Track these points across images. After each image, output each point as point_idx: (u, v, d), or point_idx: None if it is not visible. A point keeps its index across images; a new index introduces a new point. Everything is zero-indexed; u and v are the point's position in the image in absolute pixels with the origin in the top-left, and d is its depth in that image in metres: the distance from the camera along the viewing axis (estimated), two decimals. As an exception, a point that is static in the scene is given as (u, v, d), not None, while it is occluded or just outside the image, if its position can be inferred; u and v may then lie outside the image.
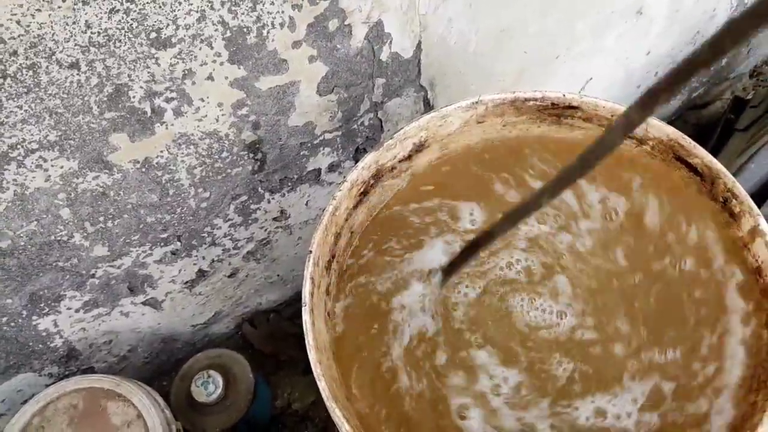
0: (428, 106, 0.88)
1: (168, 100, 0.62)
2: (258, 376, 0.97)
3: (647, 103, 0.34)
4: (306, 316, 0.57)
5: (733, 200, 0.57)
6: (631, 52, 1.07)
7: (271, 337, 1.09)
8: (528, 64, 0.92)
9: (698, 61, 0.30)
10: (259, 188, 0.81)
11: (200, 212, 0.78)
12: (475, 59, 0.84)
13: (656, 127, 0.60)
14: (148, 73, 0.58)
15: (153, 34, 0.55)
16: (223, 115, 0.67)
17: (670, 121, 1.48)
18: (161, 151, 0.67)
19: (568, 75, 1.01)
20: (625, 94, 1.18)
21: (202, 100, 0.64)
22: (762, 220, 0.55)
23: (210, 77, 0.62)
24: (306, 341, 0.56)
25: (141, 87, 0.59)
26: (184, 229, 0.79)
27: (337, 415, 0.52)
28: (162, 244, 0.79)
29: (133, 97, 0.60)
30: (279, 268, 1.00)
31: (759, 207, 0.98)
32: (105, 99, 0.58)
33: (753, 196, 1.02)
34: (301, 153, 0.80)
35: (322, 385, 0.54)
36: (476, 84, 0.89)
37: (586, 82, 1.06)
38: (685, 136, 0.59)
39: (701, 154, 0.58)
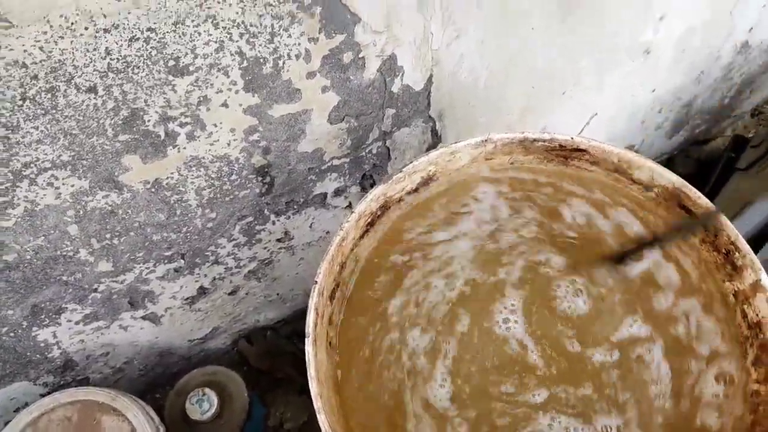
0: (436, 137, 0.89)
1: (182, 125, 0.63)
2: (253, 394, 0.97)
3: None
4: (309, 347, 0.58)
5: (736, 253, 0.58)
6: (637, 90, 1.08)
7: (267, 355, 1.09)
8: (535, 98, 0.93)
9: None
10: (266, 210, 0.81)
11: (205, 232, 0.78)
12: (485, 93, 0.85)
13: (662, 175, 0.61)
14: (164, 98, 0.59)
15: (171, 62, 0.56)
16: (234, 140, 0.68)
17: (673, 155, 1.49)
18: (172, 173, 0.68)
19: (574, 109, 1.02)
20: (629, 130, 1.19)
21: (215, 125, 0.65)
22: (764, 275, 0.55)
23: (225, 104, 0.63)
24: (308, 373, 0.57)
25: (156, 112, 0.60)
26: (188, 247, 0.79)
27: (335, 449, 0.53)
28: (166, 261, 0.80)
29: (148, 121, 0.60)
30: (279, 287, 1.01)
31: (757, 251, 0.99)
32: (120, 122, 0.58)
33: (751, 240, 1.03)
34: (309, 178, 0.81)
35: (321, 418, 0.54)
36: (485, 117, 0.90)
37: (591, 117, 1.07)
38: (691, 187, 0.60)
39: (705, 204, 0.59)
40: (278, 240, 0.89)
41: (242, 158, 0.71)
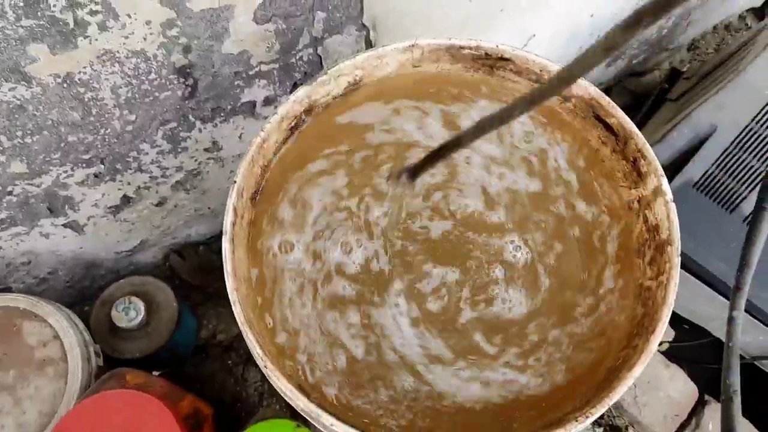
0: (370, 46, 0.87)
1: (92, 13, 0.59)
2: (183, 305, 0.97)
3: (631, 24, 0.34)
4: (226, 244, 0.58)
5: (642, 160, 0.60)
6: (576, 13, 1.08)
7: (199, 269, 1.09)
8: (473, 13, 0.92)
9: None
10: (190, 116, 0.79)
11: (125, 135, 0.76)
12: (420, 4, 0.84)
13: (579, 85, 0.63)
14: (70, -20, 0.55)
15: (75, -61, 0.52)
16: (151, 34, 0.65)
17: (609, 86, 1.52)
18: (84, 67, 0.64)
19: (513, 29, 1.02)
20: (567, 54, 1.20)
21: (129, 16, 0.62)
22: (665, 181, 0.58)
23: (138, -8, 0.60)
24: (224, 269, 0.57)
25: (62, -5, 0.56)
26: (107, 151, 0.77)
27: (249, 338, 0.54)
28: (84, 165, 0.77)
29: (54, 5, 0.57)
30: (210, 200, 0.99)
31: (677, 173, 1.04)
32: (21, 4, 0.55)
33: (673, 163, 1.08)
34: (236, 83, 0.78)
35: (237, 309, 0.55)
36: (420, 29, 0.88)
37: (529, 39, 1.07)
38: (605, 96, 0.61)
39: (618, 115, 0.61)
40: (206, 150, 0.87)
41: (161, 55, 0.68)
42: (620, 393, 0.51)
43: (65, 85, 0.65)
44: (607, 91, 1.53)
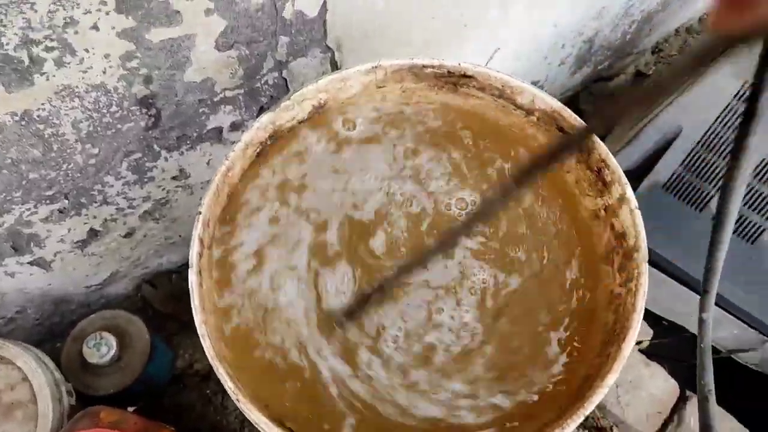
0: (336, 68, 0.87)
1: (48, 50, 0.58)
2: (156, 337, 0.96)
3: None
4: (193, 277, 0.57)
5: (606, 170, 0.61)
6: (539, 24, 1.10)
7: (172, 298, 1.07)
8: (436, 30, 0.93)
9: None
10: (155, 145, 0.78)
11: (89, 169, 0.74)
12: (383, 23, 0.84)
13: (542, 98, 0.63)
14: (24, 18, 0.54)
15: (24, -24, 0.51)
16: (110, 67, 0.64)
17: (576, 92, 1.54)
18: (42, 104, 0.63)
19: (477, 45, 1.03)
20: (533, 65, 1.21)
21: (87, 51, 0.61)
22: (629, 189, 0.59)
23: (95, 26, 0.59)
24: (192, 303, 0.56)
25: (15, 34, 0.55)
26: (71, 186, 0.75)
27: (220, 372, 0.53)
28: (47, 201, 0.75)
29: (7, 44, 0.55)
30: (180, 228, 0.98)
31: (646, 175, 1.05)
32: (-29, 44, 0.53)
33: (642, 165, 1.09)
34: (200, 110, 0.77)
35: (206, 344, 0.54)
36: (385, 48, 0.89)
37: (494, 52, 1.08)
38: (567, 109, 0.62)
39: (580, 124, 0.62)
40: (173, 178, 0.86)
41: (121, 87, 0.67)
42: (595, 403, 0.51)
43: (23, 123, 0.64)
44: (575, 97, 1.55)
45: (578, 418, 0.49)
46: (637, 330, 0.53)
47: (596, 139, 0.61)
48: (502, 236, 0.66)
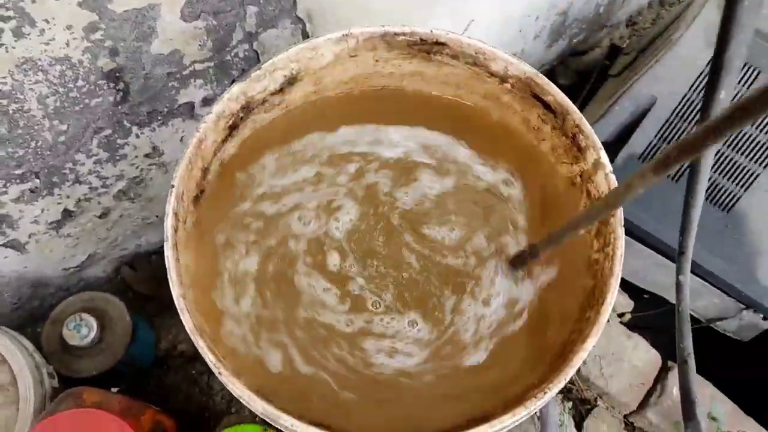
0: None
1: (4, 19, 0.57)
2: (138, 318, 0.95)
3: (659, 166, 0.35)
4: (168, 252, 0.56)
5: (580, 135, 0.61)
6: (512, -5, 1.09)
7: (153, 279, 1.06)
8: (409, 2, 0.91)
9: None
10: (125, 121, 0.76)
11: (59, 147, 0.73)
12: (354, -7, 0.83)
13: (515, 65, 0.63)
14: (-22, -13, 0.53)
15: (-22, -58, 0.50)
16: (74, 39, 0.62)
17: (552, 66, 1.54)
18: (3, 77, 0.61)
19: (450, 16, 1.02)
20: (507, 38, 1.21)
21: (47, 21, 0.59)
22: (603, 154, 0.59)
23: (54, -4, 0.57)
24: (169, 277, 0.56)
25: (-30, 3, 0.53)
26: (41, 164, 0.74)
27: (200, 346, 0.53)
28: (17, 180, 0.74)
29: (-38, 14, 0.54)
30: (157, 208, 0.97)
31: (622, 147, 1.06)
32: (-75, 14, 0.52)
33: (618, 137, 1.10)
34: (170, 84, 0.76)
35: (185, 317, 0.54)
36: (357, 21, 0.88)
37: (468, 25, 1.07)
38: (540, 74, 0.62)
39: (554, 92, 0.61)
40: (146, 155, 0.85)
41: (86, 61, 0.65)
42: (576, 366, 0.51)
43: (-14, 98, 0.62)
44: (552, 71, 1.54)
45: (560, 382, 0.50)
46: (615, 293, 0.53)
47: (570, 104, 0.60)
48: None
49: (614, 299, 0.55)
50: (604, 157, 0.59)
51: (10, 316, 0.98)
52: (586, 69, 1.57)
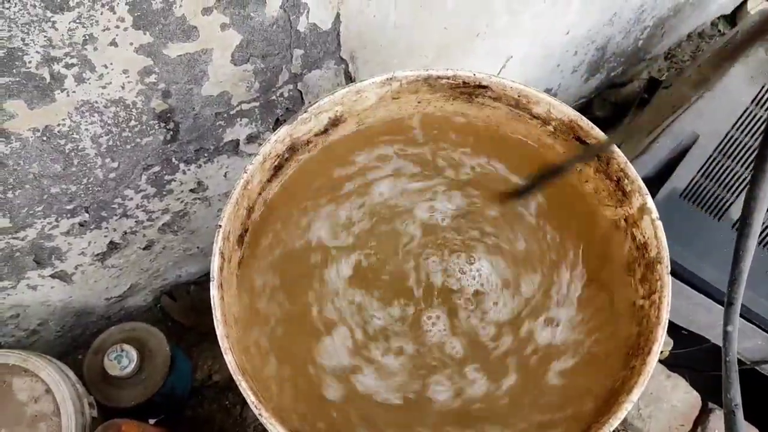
0: (350, 79, 0.87)
1: (68, 66, 0.59)
2: (176, 348, 0.96)
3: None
4: (214, 291, 0.57)
5: (625, 180, 0.60)
6: (550, 32, 1.09)
7: (192, 310, 1.08)
8: (449, 40, 0.93)
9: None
10: (173, 159, 0.79)
11: (109, 183, 0.75)
12: (396, 34, 0.84)
13: (558, 108, 0.63)
14: (45, 37, 0.55)
15: (47, -4, 0.52)
16: (129, 82, 0.65)
17: (590, 99, 1.53)
18: (63, 119, 0.64)
19: (489, 52, 1.03)
20: (545, 73, 1.21)
21: (106, 66, 0.62)
22: (649, 199, 0.58)
23: (113, 43, 0.60)
24: (213, 315, 0.57)
25: (37, 52, 0.56)
26: (92, 200, 0.76)
27: (243, 387, 0.53)
28: (69, 215, 0.76)
29: (29, 62, 0.56)
30: (198, 240, 0.99)
31: (662, 184, 1.04)
32: (-5, 62, 0.54)
33: (659, 173, 1.08)
34: (217, 123, 0.78)
35: (228, 358, 0.54)
36: (398, 59, 0.89)
37: (507, 60, 1.08)
38: (584, 118, 0.62)
39: (598, 135, 0.61)
40: (191, 191, 0.87)
41: (140, 102, 0.68)
42: (620, 418, 0.50)
43: (45, 138, 0.65)
44: (589, 103, 1.54)
45: (603, 432, 0.49)
46: (662, 343, 0.52)
47: (615, 148, 0.60)
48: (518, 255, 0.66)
49: (660, 349, 0.53)
50: (650, 203, 0.58)
51: (53, 343, 1.01)
52: (624, 101, 1.56)
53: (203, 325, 1.09)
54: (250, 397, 0.52)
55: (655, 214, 0.57)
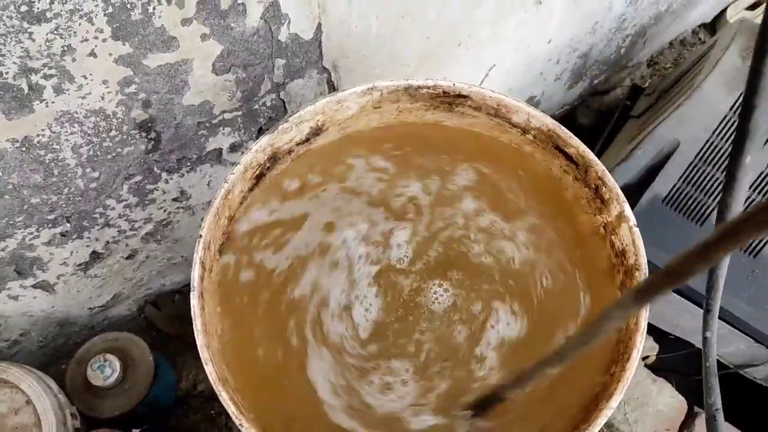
0: (333, 88, 0.88)
1: (47, 77, 0.59)
2: (160, 358, 0.96)
3: (642, 295, 0.34)
4: (194, 301, 0.57)
5: (603, 188, 0.61)
6: (532, 41, 1.10)
7: (176, 319, 1.08)
8: (431, 49, 0.93)
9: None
10: (155, 168, 0.78)
11: (90, 193, 0.75)
12: (378, 43, 0.85)
13: (536, 117, 0.64)
14: (22, 48, 0.55)
15: (24, 7, 0.52)
16: (109, 92, 0.65)
17: (574, 106, 1.54)
18: (42, 130, 0.64)
19: (472, 61, 1.04)
20: (528, 81, 1.22)
21: (85, 77, 0.61)
22: (627, 207, 0.59)
23: (92, 54, 0.60)
24: (194, 326, 0.56)
25: (14, 63, 0.56)
26: (73, 210, 0.76)
27: (223, 398, 0.53)
28: (50, 225, 0.76)
29: (6, 73, 0.56)
30: (182, 249, 0.99)
31: (644, 190, 1.05)
32: (-28, 74, 0.54)
33: (641, 180, 1.09)
34: (200, 132, 0.78)
35: (209, 369, 0.54)
36: (380, 68, 0.90)
37: (489, 69, 1.09)
38: (563, 127, 0.62)
39: (576, 144, 0.62)
40: (174, 200, 0.87)
41: (120, 112, 0.68)
42: (600, 425, 0.51)
43: (24, 149, 0.64)
44: (572, 111, 1.55)
45: (582, 440, 0.49)
46: (640, 349, 0.53)
47: (592, 156, 0.61)
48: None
49: (639, 356, 0.54)
50: (628, 210, 0.59)
51: (36, 353, 1.00)
52: (608, 108, 1.58)
53: (188, 334, 1.08)
54: (230, 408, 0.52)
55: (633, 221, 0.58)
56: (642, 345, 0.53)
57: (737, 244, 0.27)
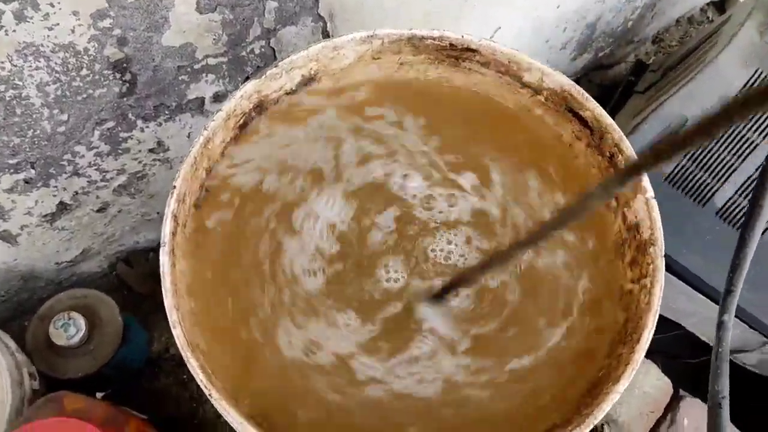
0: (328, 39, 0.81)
1: (5, 1, 0.52)
2: (131, 319, 0.90)
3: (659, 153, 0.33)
4: (164, 258, 0.52)
5: (620, 155, 0.56)
6: (540, 5, 1.04)
7: (149, 277, 1.02)
8: (435, 5, 0.87)
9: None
10: (130, 114, 0.72)
11: (57, 137, 0.68)
12: (379, -8, 0.78)
13: (551, 76, 0.58)
14: (-24, -38, 0.48)
15: None
16: (80, 25, 0.58)
17: (577, 79, 1.49)
18: (2, 62, 0.57)
19: (477, 22, 0.98)
20: (534, 47, 1.16)
21: (52, 5, 0.55)
22: (645, 177, 0.54)
23: (60, -23, 0.53)
24: (162, 285, 0.51)
25: (-32, -22, 0.49)
26: (38, 155, 0.69)
27: (191, 364, 0.48)
28: (12, 170, 0.69)
29: (-42, -10, 0.50)
30: (158, 204, 0.92)
31: (648, 168, 1.01)
32: None
33: (642, 157, 1.05)
34: (180, 78, 0.72)
35: (177, 332, 0.50)
36: (381, 20, 0.83)
37: (495, 31, 1.03)
38: (578, 87, 0.57)
39: (592, 107, 0.57)
40: (150, 150, 0.80)
41: (92, 49, 0.61)
42: (605, 410, 0.47)
43: (-19, 82, 0.58)
44: (575, 83, 1.50)
45: (586, 427, 0.45)
46: (652, 330, 0.49)
47: (611, 121, 0.56)
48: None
49: (650, 337, 0.50)
50: (646, 181, 0.54)
51: (-2, 309, 0.94)
52: (610, 83, 1.53)
53: (161, 294, 1.03)
54: (199, 376, 0.47)
55: (650, 193, 0.53)
56: (653, 326, 0.49)
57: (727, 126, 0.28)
